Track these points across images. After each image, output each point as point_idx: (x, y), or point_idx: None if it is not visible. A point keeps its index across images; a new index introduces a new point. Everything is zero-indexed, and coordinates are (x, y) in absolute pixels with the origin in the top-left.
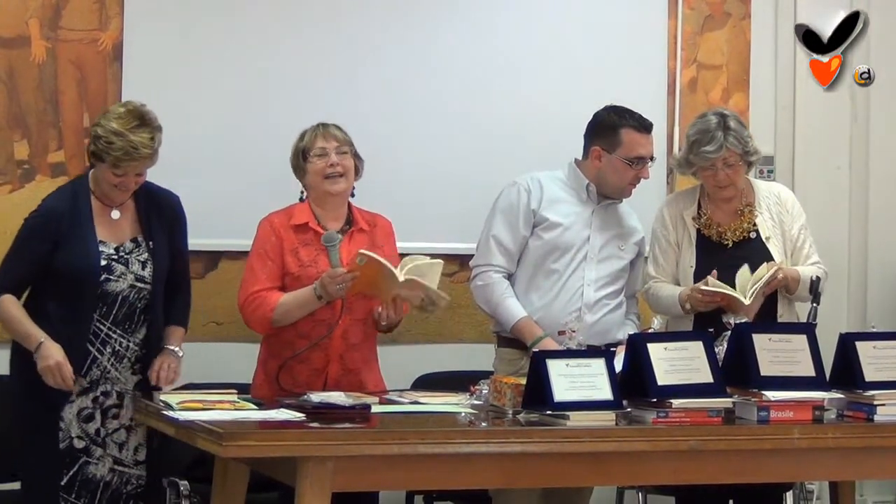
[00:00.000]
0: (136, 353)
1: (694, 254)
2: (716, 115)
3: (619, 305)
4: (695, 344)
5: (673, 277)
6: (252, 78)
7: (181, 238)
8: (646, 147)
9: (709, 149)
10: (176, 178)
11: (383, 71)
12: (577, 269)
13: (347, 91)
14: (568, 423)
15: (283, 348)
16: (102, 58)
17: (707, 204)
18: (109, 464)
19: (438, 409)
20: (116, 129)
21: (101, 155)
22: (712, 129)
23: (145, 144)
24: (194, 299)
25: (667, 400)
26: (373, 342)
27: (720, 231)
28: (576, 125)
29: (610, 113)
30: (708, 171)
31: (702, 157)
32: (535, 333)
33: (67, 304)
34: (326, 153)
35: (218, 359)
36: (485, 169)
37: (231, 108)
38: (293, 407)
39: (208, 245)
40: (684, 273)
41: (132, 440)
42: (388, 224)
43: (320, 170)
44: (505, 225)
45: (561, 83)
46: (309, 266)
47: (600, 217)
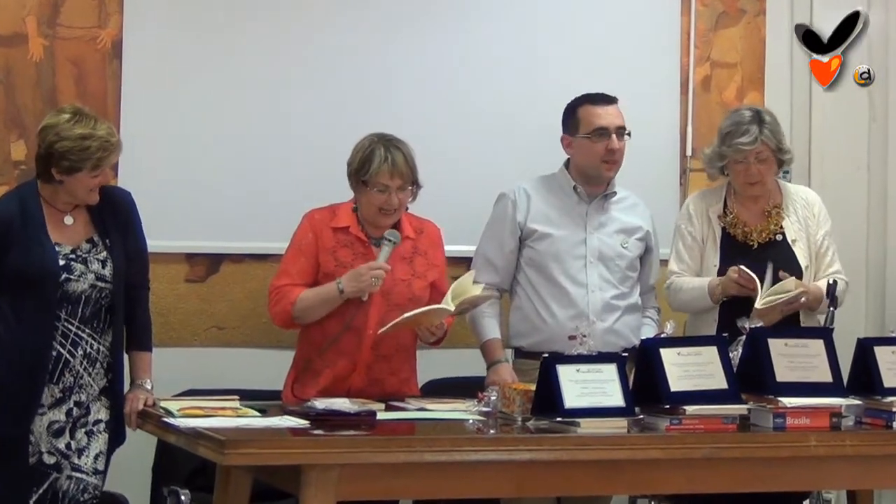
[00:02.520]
0: (108, 359)
1: (718, 252)
2: (750, 110)
3: (632, 307)
4: (709, 349)
5: (697, 273)
6: (256, 76)
7: (136, 236)
8: (605, 118)
9: (743, 140)
10: (176, 178)
11: (391, 71)
12: (577, 274)
13: (354, 91)
14: (579, 430)
15: (310, 350)
16: (102, 56)
17: (734, 203)
18: (68, 471)
19: (446, 415)
20: (83, 133)
21: (76, 166)
22: (747, 122)
23: (112, 133)
24: (196, 303)
25: (680, 406)
26: (409, 353)
27: (746, 231)
28: None
29: (574, 99)
30: (740, 164)
31: (735, 150)
32: (494, 356)
33: (30, 307)
34: (388, 191)
35: (219, 365)
36: (494, 170)
37: (234, 107)
38: (297, 414)
39: (210, 248)
40: (707, 272)
41: (93, 446)
42: (435, 231)
43: (377, 203)
44: (491, 240)
45: (571, 82)
46: (346, 267)
47: (596, 215)
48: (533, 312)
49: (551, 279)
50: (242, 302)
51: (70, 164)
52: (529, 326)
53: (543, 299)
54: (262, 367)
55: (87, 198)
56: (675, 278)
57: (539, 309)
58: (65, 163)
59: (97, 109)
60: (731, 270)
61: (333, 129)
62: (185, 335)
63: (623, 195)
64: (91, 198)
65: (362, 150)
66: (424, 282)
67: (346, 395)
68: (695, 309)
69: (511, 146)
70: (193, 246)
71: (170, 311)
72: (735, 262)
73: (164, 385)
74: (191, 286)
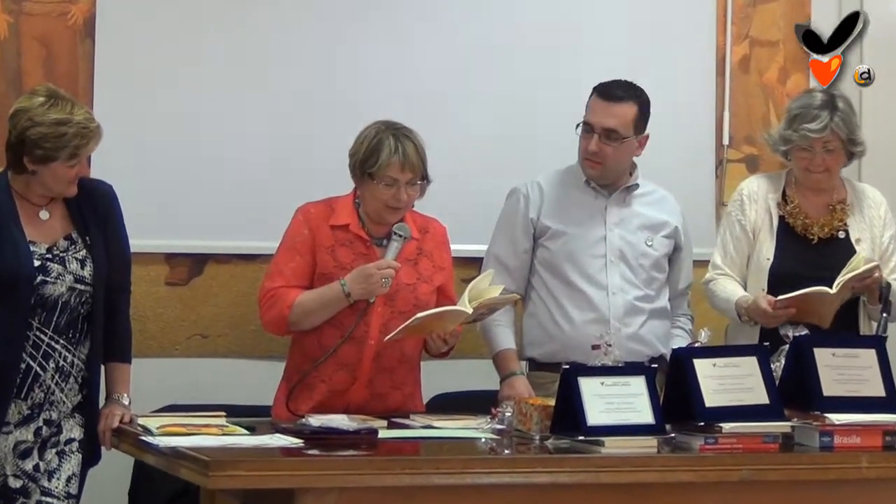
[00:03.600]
0: (83, 373)
1: (773, 244)
2: (824, 93)
3: (660, 312)
4: (748, 360)
5: (741, 271)
6: (245, 56)
7: (118, 234)
8: (596, 115)
9: (811, 126)
10: (154, 170)
11: (391, 53)
12: (596, 275)
13: (351, 77)
14: (603, 450)
15: (304, 361)
16: (72, 34)
17: (794, 193)
18: (37, 495)
19: (455, 434)
20: (58, 118)
21: (52, 155)
22: (817, 106)
23: (90, 119)
24: (177, 308)
25: (716, 424)
26: (413, 365)
27: (807, 223)
28: None
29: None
30: (804, 152)
31: (801, 135)
32: (508, 368)
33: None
34: (397, 185)
35: (204, 377)
36: (506, 162)
37: (221, 92)
38: (289, 432)
39: (192, 247)
40: (757, 266)
41: (65, 468)
42: (441, 230)
43: (383, 199)
44: (503, 239)
45: (594, 65)
46: (345, 268)
47: (616, 211)
48: (547, 318)
49: (567, 281)
50: (229, 307)
51: (44, 153)
52: (543, 334)
53: (559, 303)
54: (250, 380)
55: (65, 190)
56: (714, 275)
57: (554, 314)
58: (38, 151)
59: (69, 92)
60: (760, 298)
61: (329, 116)
62: (164, 344)
63: (648, 188)
64: (69, 190)
65: (368, 139)
66: (430, 286)
67: (345, 412)
68: (730, 318)
69: (526, 136)
70: (174, 245)
71: (148, 318)
72: (791, 257)
73: (141, 400)
74: (171, 290)
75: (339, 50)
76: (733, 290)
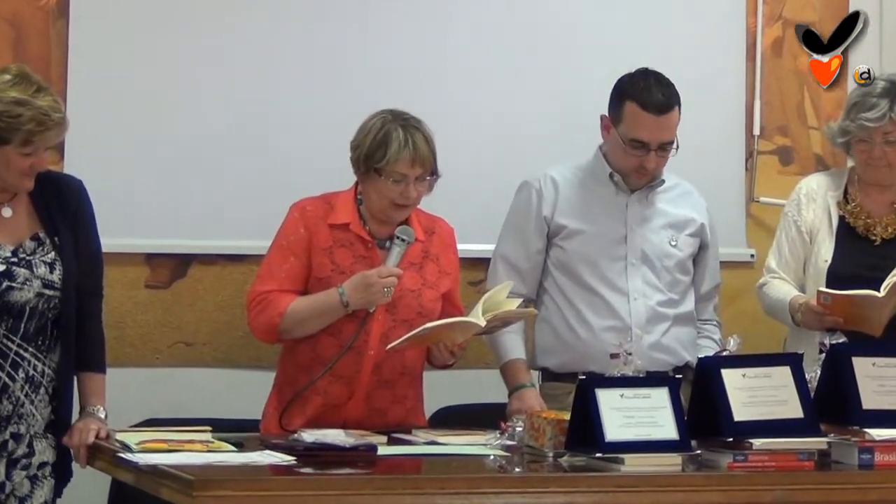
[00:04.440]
0: (54, 383)
1: (832, 245)
2: (886, 81)
3: (684, 318)
4: (780, 370)
5: (797, 275)
6: (229, 42)
7: (89, 233)
8: (649, 130)
9: (868, 116)
10: (133, 163)
11: (388, 39)
12: (616, 278)
13: (348, 63)
14: (623, 468)
15: (297, 372)
16: (44, 15)
17: (856, 191)
18: None
19: (461, 450)
20: (17, 97)
21: (2, 136)
22: (877, 94)
23: (55, 108)
24: (158, 313)
25: (746, 440)
26: (415, 377)
27: (869, 223)
28: None
29: (629, 77)
30: (863, 144)
31: (859, 125)
32: (518, 380)
33: None
34: (406, 181)
35: (187, 388)
36: (516, 156)
37: (205, 80)
38: (280, 448)
39: (175, 247)
40: (815, 269)
41: (37, 495)
42: (448, 231)
43: (390, 196)
44: (514, 238)
45: (615, 51)
46: (344, 272)
47: (638, 208)
48: (563, 325)
49: (585, 285)
50: (214, 312)
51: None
52: (557, 342)
53: (575, 309)
54: (238, 392)
55: (18, 183)
56: (767, 278)
57: (570, 321)
58: None
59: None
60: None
61: (324, 106)
62: (144, 353)
63: (672, 183)
64: (23, 184)
65: (374, 130)
66: (436, 292)
67: (341, 427)
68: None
69: (538, 126)
70: (155, 245)
71: (126, 324)
72: (851, 259)
73: (119, 413)
74: (152, 293)
75: (336, 38)
76: (788, 291)
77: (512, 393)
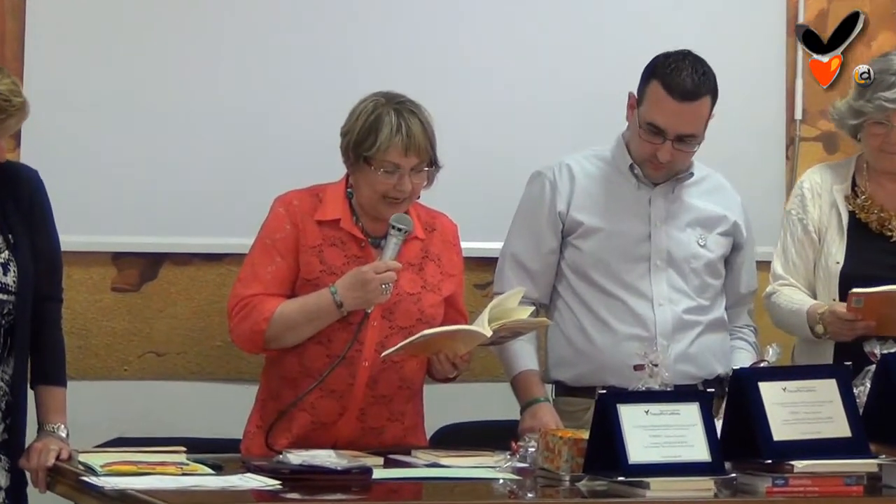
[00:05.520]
0: (7, 398)
1: (843, 245)
2: None
3: (715, 325)
4: (825, 383)
5: (808, 279)
6: (200, 37)
7: (46, 230)
8: (667, 116)
9: (887, 95)
10: (98, 153)
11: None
12: (638, 282)
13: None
14: (648, 493)
15: (283, 386)
16: None
17: (866, 181)
18: None
19: (466, 474)
20: None
21: None
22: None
23: (15, 92)
24: (126, 320)
25: (786, 462)
26: (414, 392)
27: (883, 218)
28: None
29: (664, 55)
30: (878, 127)
31: (876, 106)
32: (531, 394)
33: None
34: (400, 172)
35: (159, 403)
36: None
37: (169, 74)
38: (264, 471)
39: (144, 245)
40: (826, 272)
41: None
42: (451, 228)
43: (382, 189)
44: (524, 235)
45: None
46: (335, 273)
47: (662, 203)
48: (578, 334)
49: (603, 290)
50: (189, 319)
51: None
52: (573, 353)
53: (592, 316)
54: (216, 408)
55: None
56: (775, 287)
57: (586, 329)
58: None
59: None
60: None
61: (314, 88)
62: (111, 364)
63: (702, 174)
64: None
65: (365, 114)
66: (437, 296)
67: (332, 447)
68: (802, 336)
69: (555, 112)
70: (122, 242)
71: (91, 332)
72: (865, 258)
73: (83, 431)
74: (119, 297)
75: (326, 12)
76: (802, 299)
77: (524, 408)
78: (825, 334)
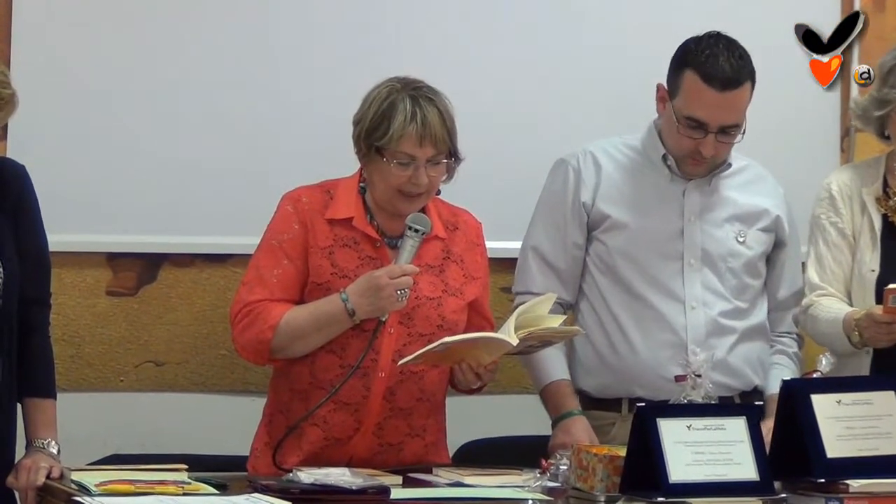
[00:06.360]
0: None
1: (878, 252)
2: None
3: (755, 331)
4: (884, 395)
5: (846, 284)
6: (201, 26)
7: (34, 229)
8: (709, 109)
9: None
10: (91, 148)
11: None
12: (670, 282)
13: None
14: None
15: (292, 399)
16: None
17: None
18: None
19: (493, 493)
20: None
21: None
22: None
23: (3, 83)
24: (122, 326)
25: (841, 481)
26: (436, 405)
27: None
28: None
29: (695, 40)
30: None
31: None
32: (563, 406)
33: None
34: (415, 164)
35: (158, 417)
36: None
37: (179, 49)
38: (272, 491)
39: (143, 245)
40: (861, 280)
41: None
42: (474, 227)
43: (396, 182)
44: (548, 229)
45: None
46: (347, 277)
47: (698, 197)
48: (602, 340)
49: (630, 290)
50: (190, 325)
51: None
52: (597, 360)
53: (618, 320)
54: (219, 423)
55: None
56: (812, 298)
57: (611, 335)
58: None
59: None
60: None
61: (320, 79)
62: (106, 374)
63: (741, 165)
64: None
65: (378, 101)
66: (460, 301)
67: (347, 465)
68: (838, 350)
69: (582, 104)
70: (118, 242)
71: (84, 339)
72: None
73: (75, 448)
74: (115, 302)
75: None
76: (840, 308)
77: (556, 423)
78: (861, 342)
